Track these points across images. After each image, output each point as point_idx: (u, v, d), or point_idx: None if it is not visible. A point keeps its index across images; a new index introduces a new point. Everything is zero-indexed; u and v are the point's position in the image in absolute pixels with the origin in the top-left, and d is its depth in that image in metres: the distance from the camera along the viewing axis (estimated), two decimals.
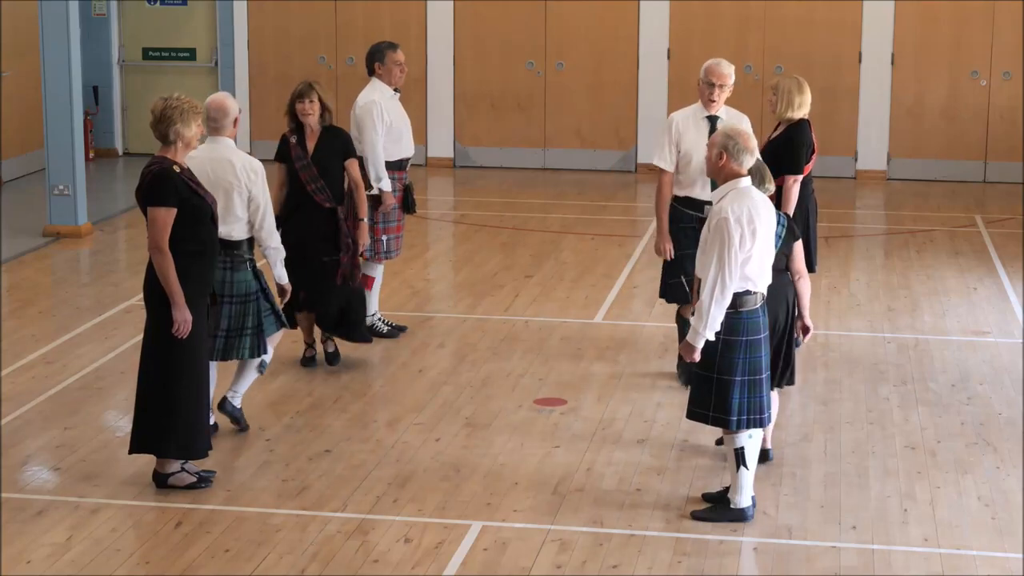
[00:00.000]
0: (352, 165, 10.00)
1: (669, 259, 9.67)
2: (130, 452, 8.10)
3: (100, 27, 18.84)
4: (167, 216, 7.71)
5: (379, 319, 10.88)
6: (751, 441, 7.60)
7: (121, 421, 9.21)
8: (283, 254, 8.83)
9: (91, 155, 18.26)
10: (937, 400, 9.64)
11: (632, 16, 17.94)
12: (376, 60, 10.67)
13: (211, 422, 8.52)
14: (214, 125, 8.56)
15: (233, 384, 8.88)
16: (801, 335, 8.19)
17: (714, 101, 9.53)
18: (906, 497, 8.03)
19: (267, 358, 8.86)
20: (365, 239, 10.07)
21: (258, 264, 8.83)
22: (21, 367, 10.22)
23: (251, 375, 8.86)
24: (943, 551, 7.37)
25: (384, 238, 10.62)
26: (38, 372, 10.12)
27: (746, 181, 7.48)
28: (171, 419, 7.91)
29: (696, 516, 7.67)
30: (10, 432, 8.94)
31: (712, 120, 9.52)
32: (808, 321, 8.15)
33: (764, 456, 8.27)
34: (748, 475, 7.62)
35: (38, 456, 8.60)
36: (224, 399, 8.85)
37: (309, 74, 16.13)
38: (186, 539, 7.45)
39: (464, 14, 18.21)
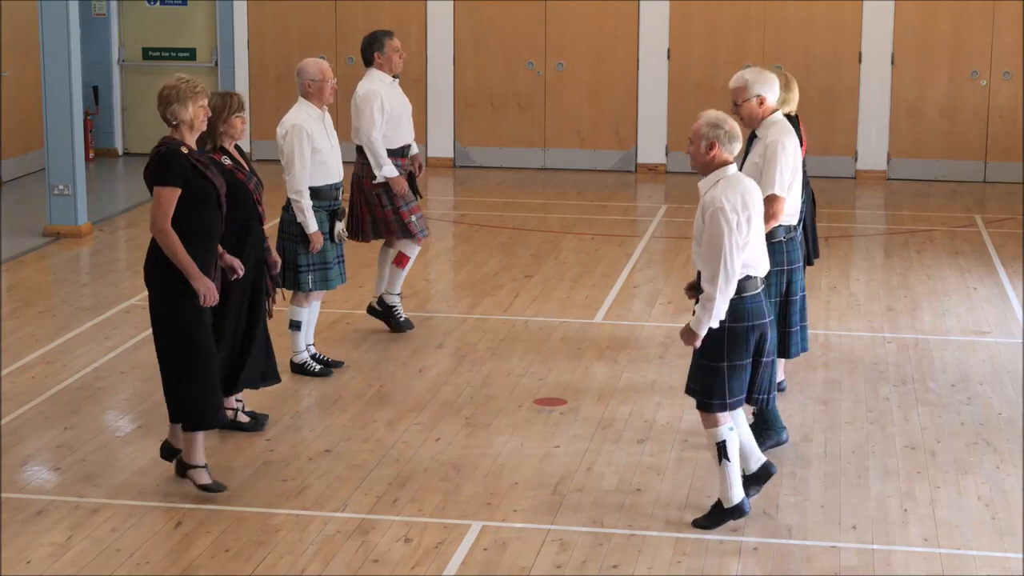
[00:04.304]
0: None
1: None
2: (171, 422, 8.08)
3: (100, 27, 18.84)
4: (171, 195, 7.67)
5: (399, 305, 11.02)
6: (732, 434, 7.53)
7: (121, 421, 9.21)
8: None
9: (91, 155, 18.26)
10: (937, 400, 9.64)
11: (632, 16, 17.95)
12: (375, 49, 10.66)
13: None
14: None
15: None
16: None
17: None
18: (906, 497, 8.03)
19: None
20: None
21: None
22: (21, 367, 10.22)
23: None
24: (943, 551, 7.37)
25: (413, 218, 10.67)
26: (38, 372, 10.12)
27: (733, 168, 7.42)
28: (185, 389, 7.84)
29: (696, 524, 7.62)
30: (10, 432, 8.94)
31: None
32: None
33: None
34: (733, 467, 7.53)
35: (38, 456, 8.60)
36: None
37: None
38: (186, 539, 7.45)
39: (464, 14, 18.22)
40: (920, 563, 7.25)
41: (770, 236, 8.51)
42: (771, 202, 8.37)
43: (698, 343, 7.44)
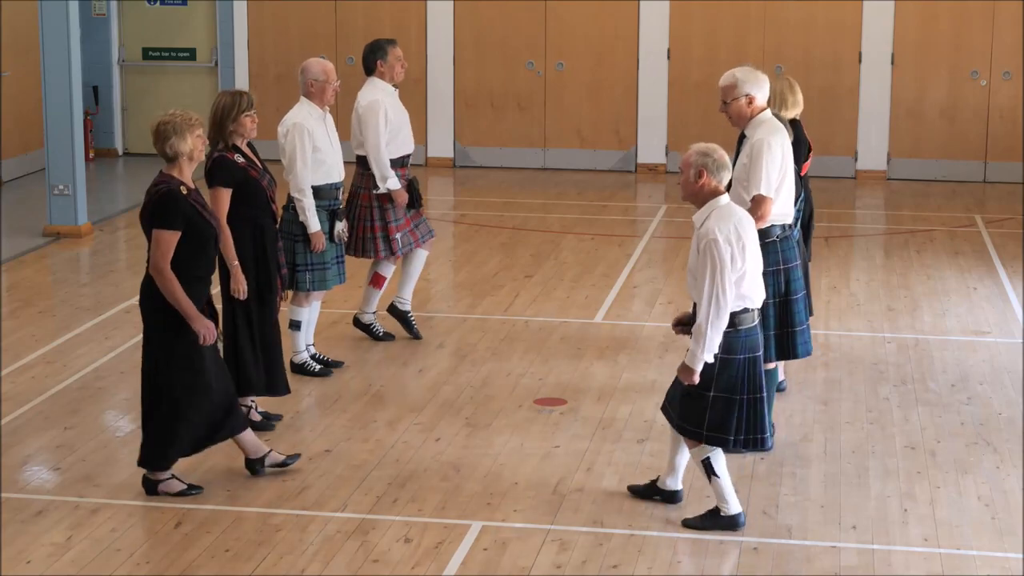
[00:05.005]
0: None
1: None
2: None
3: (100, 27, 18.84)
4: (172, 238, 7.65)
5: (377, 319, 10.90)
6: (716, 450, 7.51)
7: (121, 421, 9.21)
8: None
9: (91, 155, 18.26)
10: (937, 400, 9.64)
11: (632, 16, 17.95)
12: (379, 57, 10.57)
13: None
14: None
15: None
16: None
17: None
18: (906, 497, 8.03)
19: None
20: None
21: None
22: (21, 367, 10.22)
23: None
24: (943, 551, 7.37)
25: (398, 235, 10.58)
26: (38, 372, 10.12)
27: (726, 198, 7.39)
28: (160, 426, 7.85)
29: (687, 524, 7.62)
30: (10, 432, 8.94)
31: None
32: None
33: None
34: (723, 481, 7.52)
35: (38, 456, 8.60)
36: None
37: None
38: (186, 539, 7.45)
39: (464, 14, 18.22)
40: (920, 563, 7.25)
41: (764, 235, 8.48)
42: (758, 203, 8.31)
43: (696, 379, 7.39)
